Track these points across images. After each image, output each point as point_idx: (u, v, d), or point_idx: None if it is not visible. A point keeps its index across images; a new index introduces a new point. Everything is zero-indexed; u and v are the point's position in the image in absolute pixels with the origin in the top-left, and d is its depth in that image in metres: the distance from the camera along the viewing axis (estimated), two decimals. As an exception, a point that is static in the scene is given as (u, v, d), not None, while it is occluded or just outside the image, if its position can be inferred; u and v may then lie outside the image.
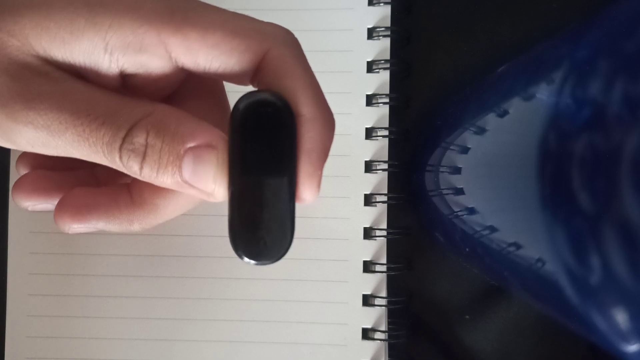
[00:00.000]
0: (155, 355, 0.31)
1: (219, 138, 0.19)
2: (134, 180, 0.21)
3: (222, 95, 0.23)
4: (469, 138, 0.27)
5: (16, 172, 0.24)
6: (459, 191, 0.27)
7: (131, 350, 0.31)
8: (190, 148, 0.19)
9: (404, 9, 0.33)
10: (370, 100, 0.32)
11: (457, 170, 0.28)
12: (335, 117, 0.21)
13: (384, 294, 0.31)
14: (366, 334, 0.31)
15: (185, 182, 0.19)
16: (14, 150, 0.31)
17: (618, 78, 0.17)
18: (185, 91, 0.22)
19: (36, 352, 0.31)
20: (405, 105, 0.33)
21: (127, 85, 0.21)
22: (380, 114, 0.32)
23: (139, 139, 0.18)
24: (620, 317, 0.17)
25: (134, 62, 0.19)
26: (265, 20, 0.20)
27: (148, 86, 0.20)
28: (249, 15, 0.20)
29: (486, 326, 0.32)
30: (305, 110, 0.19)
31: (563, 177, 0.18)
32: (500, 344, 0.32)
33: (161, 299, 0.32)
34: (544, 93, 0.21)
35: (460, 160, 0.27)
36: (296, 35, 0.21)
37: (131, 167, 0.19)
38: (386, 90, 0.32)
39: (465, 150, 0.27)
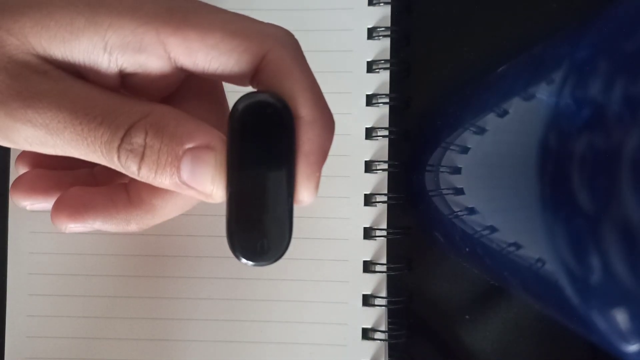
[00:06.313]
0: (155, 355, 0.31)
1: (217, 139, 0.19)
2: (132, 180, 0.21)
3: (221, 96, 0.23)
4: (469, 138, 0.27)
5: (16, 172, 0.24)
6: (459, 191, 0.27)
7: (131, 350, 0.31)
8: (189, 149, 0.19)
9: (404, 9, 0.33)
10: (370, 100, 0.32)
11: (457, 170, 0.28)
12: (335, 117, 0.21)
13: (384, 294, 0.31)
14: (366, 334, 0.31)
15: (184, 183, 0.19)
16: (14, 149, 0.31)
17: (618, 78, 0.17)
18: (185, 92, 0.22)
19: (36, 352, 0.31)
20: (405, 105, 0.33)
21: (126, 86, 0.21)
22: (380, 114, 0.32)
23: (138, 139, 0.18)
24: (620, 317, 0.17)
25: (133, 61, 0.19)
26: (266, 20, 0.20)
27: (147, 86, 0.20)
28: (249, 15, 0.20)
29: (486, 326, 0.32)
30: (304, 112, 0.19)
31: (563, 177, 0.18)
32: (500, 344, 0.32)
33: (161, 299, 0.32)
34: (544, 93, 0.21)
35: (460, 160, 0.27)
36: (296, 35, 0.21)
37: (129, 168, 0.19)
38: (386, 90, 0.32)
39: (465, 150, 0.27)
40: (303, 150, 0.19)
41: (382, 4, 0.32)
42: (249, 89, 0.20)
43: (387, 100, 0.32)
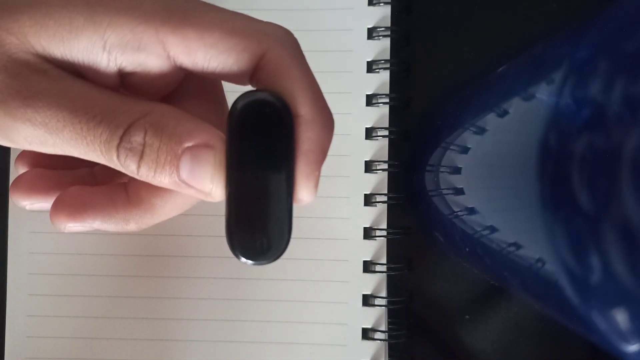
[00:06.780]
0: (155, 355, 0.31)
1: (216, 138, 0.19)
2: (131, 179, 0.21)
3: (220, 95, 0.23)
4: (469, 138, 0.27)
5: (15, 171, 0.24)
6: (459, 191, 0.27)
7: (131, 350, 0.31)
8: (188, 148, 0.19)
9: (404, 9, 0.33)
10: (370, 100, 0.32)
11: (457, 170, 0.28)
12: (335, 117, 0.21)
13: (384, 294, 0.31)
14: (366, 334, 0.31)
15: (183, 181, 0.19)
16: (14, 149, 0.31)
17: (618, 78, 0.17)
18: (184, 91, 0.22)
19: (36, 352, 0.31)
20: (405, 105, 0.33)
21: (125, 85, 0.21)
22: (380, 114, 0.32)
23: (137, 138, 0.18)
24: (620, 317, 0.17)
25: (132, 60, 0.19)
26: (266, 20, 0.20)
27: (147, 85, 0.20)
28: (249, 14, 0.20)
29: (486, 326, 0.32)
30: (304, 110, 0.19)
31: (563, 177, 0.18)
32: (500, 344, 0.32)
33: (161, 299, 0.32)
34: (544, 93, 0.21)
35: (460, 160, 0.27)
36: (296, 35, 0.21)
37: (129, 166, 0.19)
38: (386, 90, 0.32)
39: (465, 150, 0.27)
40: (302, 149, 0.19)
41: (382, 4, 0.32)
42: (249, 87, 0.20)
43: (387, 100, 0.32)
